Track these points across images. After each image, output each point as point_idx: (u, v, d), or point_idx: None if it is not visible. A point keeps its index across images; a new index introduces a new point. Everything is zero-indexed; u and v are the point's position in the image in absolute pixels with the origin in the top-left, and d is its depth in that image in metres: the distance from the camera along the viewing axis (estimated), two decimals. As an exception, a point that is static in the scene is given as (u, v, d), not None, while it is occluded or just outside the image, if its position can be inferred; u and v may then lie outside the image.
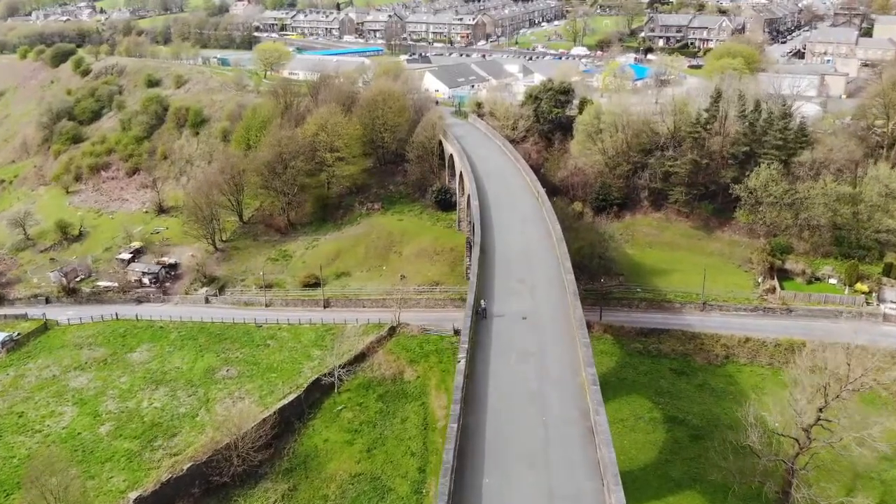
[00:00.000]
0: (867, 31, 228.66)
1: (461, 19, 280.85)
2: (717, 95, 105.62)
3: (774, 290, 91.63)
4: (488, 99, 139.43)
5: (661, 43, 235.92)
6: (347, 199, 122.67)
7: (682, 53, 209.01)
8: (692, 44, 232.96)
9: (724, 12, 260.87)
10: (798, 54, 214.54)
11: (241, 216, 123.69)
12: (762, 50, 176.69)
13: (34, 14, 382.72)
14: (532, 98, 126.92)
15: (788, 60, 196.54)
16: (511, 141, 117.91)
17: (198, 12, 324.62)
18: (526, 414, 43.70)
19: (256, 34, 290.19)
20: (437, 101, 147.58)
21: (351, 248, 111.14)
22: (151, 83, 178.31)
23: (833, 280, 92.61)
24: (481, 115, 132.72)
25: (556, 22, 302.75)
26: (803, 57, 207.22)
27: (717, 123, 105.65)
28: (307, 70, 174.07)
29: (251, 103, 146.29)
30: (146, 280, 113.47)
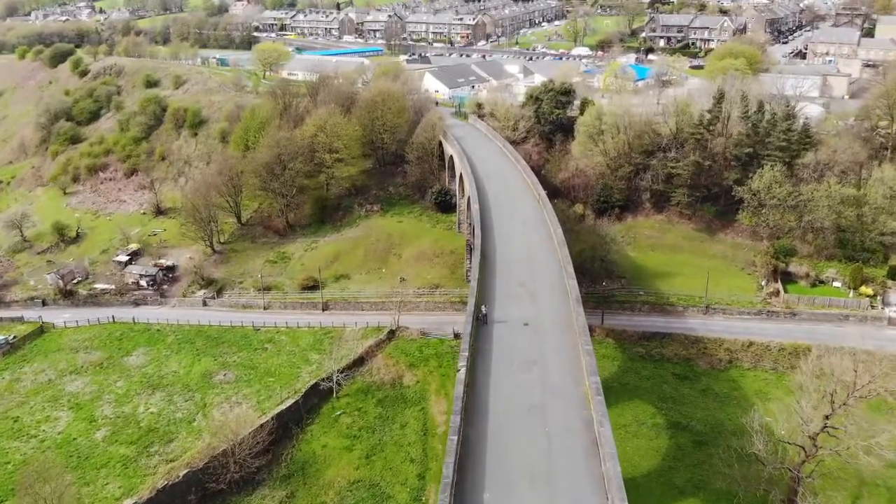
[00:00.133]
0: (869, 31, 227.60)
1: (461, 19, 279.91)
2: (719, 96, 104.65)
3: (778, 293, 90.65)
4: (489, 100, 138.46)
5: (662, 43, 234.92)
6: (346, 200, 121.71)
7: (684, 54, 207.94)
8: (693, 44, 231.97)
9: (725, 12, 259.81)
10: (800, 54, 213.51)
11: (239, 218, 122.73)
12: (764, 50, 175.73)
13: (33, 14, 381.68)
14: (533, 99, 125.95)
15: (790, 61, 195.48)
16: (511, 142, 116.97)
17: (197, 12, 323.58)
18: (528, 425, 42.62)
19: (256, 34, 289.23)
20: (436, 102, 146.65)
21: (350, 251, 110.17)
22: (150, 84, 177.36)
23: (837, 283, 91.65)
24: (481, 116, 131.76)
25: (557, 22, 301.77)
26: (805, 57, 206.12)
27: (719, 124, 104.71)
28: (306, 70, 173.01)
29: (250, 104, 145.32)
30: (143, 282, 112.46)
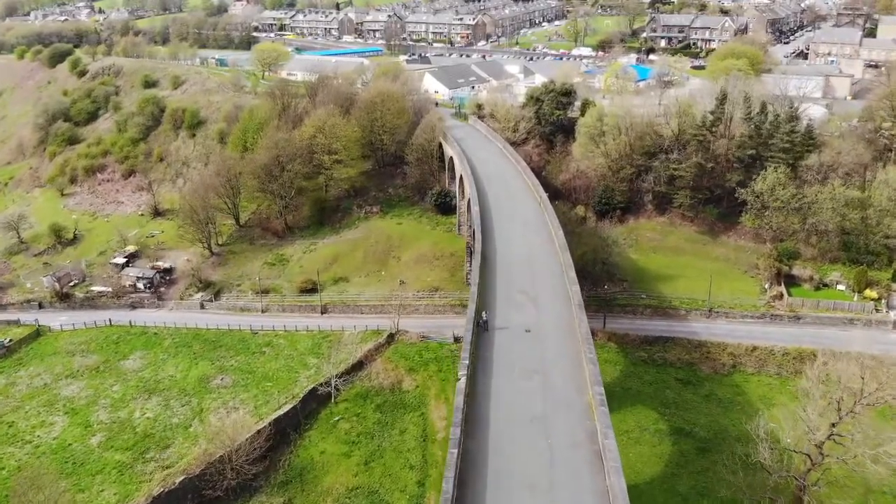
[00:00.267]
0: (871, 31, 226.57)
1: (461, 19, 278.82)
2: (722, 97, 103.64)
3: (782, 296, 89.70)
4: (489, 100, 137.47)
5: (662, 43, 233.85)
6: (346, 202, 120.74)
7: (685, 54, 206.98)
8: (694, 44, 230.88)
9: (726, 12, 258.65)
10: (801, 55, 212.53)
11: (237, 219, 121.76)
12: (766, 51, 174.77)
13: (32, 14, 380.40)
14: (533, 99, 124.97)
15: (791, 61, 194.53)
16: (512, 143, 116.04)
17: (196, 12, 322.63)
18: (530, 436, 41.55)
19: (255, 34, 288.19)
20: (436, 103, 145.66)
21: (349, 253, 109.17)
22: (148, 84, 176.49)
23: (841, 286, 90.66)
24: (482, 117, 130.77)
25: (557, 22, 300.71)
26: (806, 57, 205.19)
27: (722, 126, 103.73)
28: (305, 71, 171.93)
29: (248, 104, 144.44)
30: (140, 285, 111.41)
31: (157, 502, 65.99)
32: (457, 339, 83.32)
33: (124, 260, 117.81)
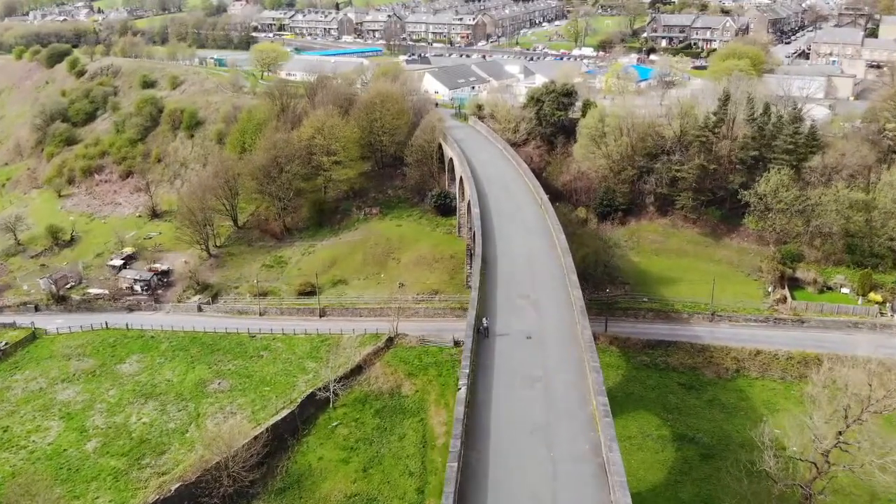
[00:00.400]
0: (872, 31, 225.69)
1: (461, 19, 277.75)
2: (725, 98, 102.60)
3: (785, 299, 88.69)
4: (489, 101, 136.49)
5: (663, 43, 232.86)
6: (345, 203, 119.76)
7: (686, 54, 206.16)
8: (695, 44, 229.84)
9: (727, 12, 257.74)
10: (803, 55, 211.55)
11: (235, 221, 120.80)
12: (767, 51, 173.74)
13: (31, 14, 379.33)
14: (534, 100, 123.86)
15: (793, 61, 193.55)
16: (512, 144, 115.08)
17: (195, 12, 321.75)
18: (532, 448, 40.45)
19: (254, 34, 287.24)
20: (436, 103, 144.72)
21: (348, 255, 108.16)
22: (146, 84, 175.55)
23: (846, 289, 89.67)
24: (482, 118, 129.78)
25: (558, 22, 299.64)
26: (808, 58, 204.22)
27: (724, 127, 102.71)
28: (305, 71, 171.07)
29: (247, 105, 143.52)
30: (138, 287, 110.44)
31: (152, 510, 65.07)
32: (457, 343, 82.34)
33: (121, 262, 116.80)
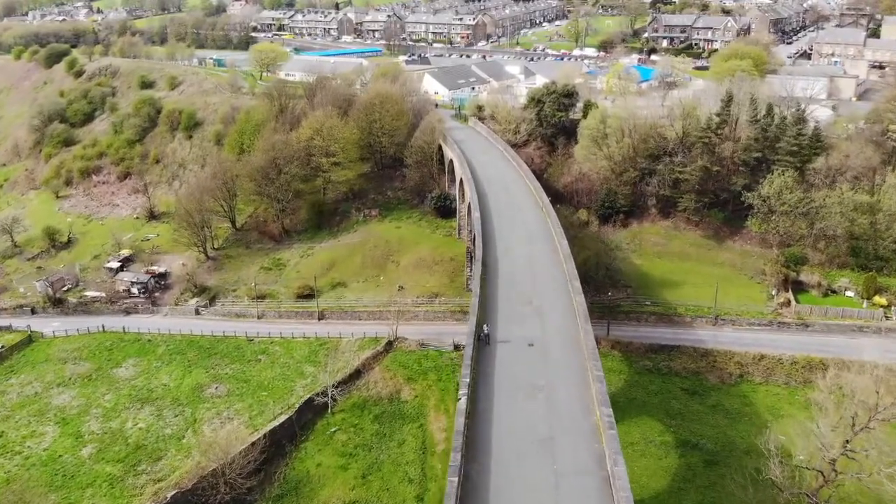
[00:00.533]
0: (874, 31, 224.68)
1: (461, 19, 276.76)
2: (728, 99, 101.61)
3: (789, 303, 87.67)
4: (489, 102, 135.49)
5: (664, 44, 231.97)
6: (344, 205, 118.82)
7: (687, 54, 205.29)
8: (696, 45, 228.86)
9: (728, 12, 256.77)
10: (804, 55, 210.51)
11: (233, 223, 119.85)
12: (769, 51, 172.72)
13: (30, 14, 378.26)
14: (534, 101, 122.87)
15: (795, 62, 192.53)
16: (513, 145, 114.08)
17: (195, 12, 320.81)
18: (534, 460, 39.40)
19: (253, 34, 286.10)
20: (436, 104, 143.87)
21: (347, 257, 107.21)
22: (145, 85, 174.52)
23: (850, 293, 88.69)
24: (482, 119, 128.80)
25: (558, 22, 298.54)
26: (810, 58, 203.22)
27: (727, 128, 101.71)
28: (304, 71, 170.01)
29: (245, 106, 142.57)
30: (135, 290, 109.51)
31: (148, 517, 64.14)
32: (457, 347, 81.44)
33: (119, 264, 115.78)
